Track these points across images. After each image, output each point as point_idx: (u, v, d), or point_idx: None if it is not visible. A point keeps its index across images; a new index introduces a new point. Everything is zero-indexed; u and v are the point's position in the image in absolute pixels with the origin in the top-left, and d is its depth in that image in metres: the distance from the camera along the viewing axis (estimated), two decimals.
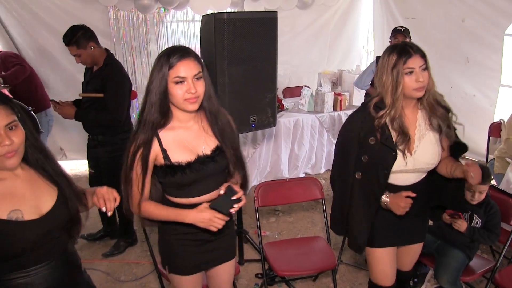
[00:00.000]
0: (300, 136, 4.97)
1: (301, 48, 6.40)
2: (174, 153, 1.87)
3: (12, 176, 1.55)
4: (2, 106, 1.45)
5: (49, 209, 1.60)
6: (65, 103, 3.45)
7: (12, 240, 1.49)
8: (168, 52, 1.81)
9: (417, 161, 2.09)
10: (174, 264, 2.08)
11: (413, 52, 1.96)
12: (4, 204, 1.50)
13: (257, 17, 2.87)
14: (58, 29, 5.07)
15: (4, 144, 1.44)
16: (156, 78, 1.79)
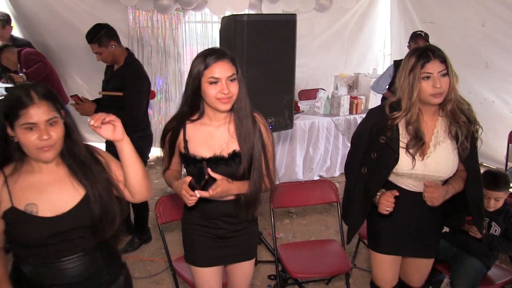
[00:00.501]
0: (316, 138, 4.97)
1: (318, 51, 6.41)
2: (193, 146, 1.96)
3: (43, 171, 1.61)
4: (46, 101, 1.51)
5: (68, 210, 1.61)
6: (86, 99, 3.51)
7: (25, 231, 1.56)
8: (206, 53, 1.89)
9: (428, 167, 2.05)
10: (190, 254, 2.14)
11: (433, 57, 1.91)
12: (24, 196, 1.56)
13: (276, 19, 2.89)
14: (79, 28, 5.14)
15: (42, 138, 1.49)
16: (191, 76, 1.89)
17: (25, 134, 1.48)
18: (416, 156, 2.03)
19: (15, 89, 1.53)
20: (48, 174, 1.62)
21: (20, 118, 1.47)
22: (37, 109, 1.48)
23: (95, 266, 1.72)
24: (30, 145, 1.49)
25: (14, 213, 1.55)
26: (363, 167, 2.16)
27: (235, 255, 2.16)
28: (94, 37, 3.32)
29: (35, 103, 1.48)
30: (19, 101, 1.47)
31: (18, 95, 1.49)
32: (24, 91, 1.49)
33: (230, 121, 2.00)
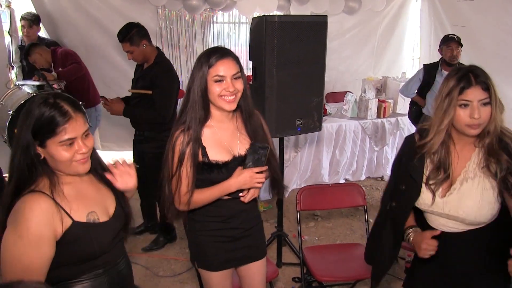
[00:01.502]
0: (342, 141, 4.92)
1: (348, 53, 6.35)
2: (212, 151, 1.93)
3: (78, 180, 1.57)
4: (80, 114, 1.47)
5: (114, 210, 1.64)
6: (114, 99, 3.55)
7: (91, 243, 1.50)
8: (208, 52, 1.89)
9: (448, 206, 1.76)
10: (202, 259, 2.12)
11: (475, 82, 1.64)
12: (80, 207, 1.51)
13: (307, 21, 2.86)
14: (108, 28, 5.24)
15: (82, 152, 1.46)
16: (196, 77, 1.86)
17: (62, 150, 1.43)
18: (438, 192, 1.77)
19: (40, 106, 1.41)
20: (84, 182, 1.59)
21: (58, 135, 1.41)
22: (75, 123, 1.43)
23: (128, 262, 1.75)
24: (66, 160, 1.44)
25: (77, 227, 1.47)
26: (393, 201, 1.92)
27: (247, 256, 2.15)
28: (126, 36, 3.36)
29: (72, 118, 1.43)
30: (55, 119, 1.40)
31: (49, 112, 1.40)
32: (55, 107, 1.41)
33: (237, 119, 2.01)
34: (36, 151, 1.43)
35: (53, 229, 1.41)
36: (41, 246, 1.39)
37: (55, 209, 1.42)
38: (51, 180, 1.47)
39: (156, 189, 3.73)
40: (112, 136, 5.75)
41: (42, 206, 1.39)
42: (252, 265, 2.18)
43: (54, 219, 1.41)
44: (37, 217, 1.37)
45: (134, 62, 3.62)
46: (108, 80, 5.25)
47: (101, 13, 5.30)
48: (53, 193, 1.44)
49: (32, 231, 1.36)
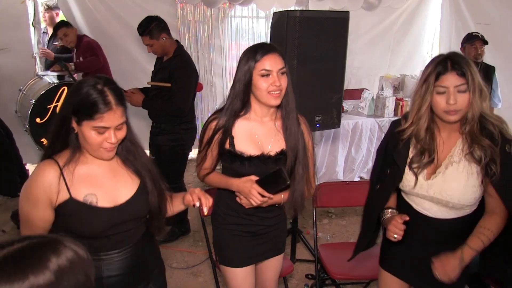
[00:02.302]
0: (358, 139, 4.90)
1: (363, 50, 6.29)
2: (240, 142, 1.93)
3: (98, 162, 1.60)
4: (121, 108, 1.51)
5: (125, 200, 1.62)
6: (134, 90, 3.57)
7: (82, 223, 1.54)
8: (255, 47, 1.89)
9: (433, 188, 1.80)
10: (224, 255, 2.12)
11: (451, 68, 1.64)
12: (83, 187, 1.55)
13: (329, 17, 2.86)
14: (128, 20, 5.27)
15: (110, 141, 1.51)
16: (241, 71, 1.87)
17: (94, 134, 1.48)
18: (422, 175, 1.81)
19: (90, 87, 1.47)
20: (103, 165, 1.62)
21: (95, 121, 1.46)
22: (113, 115, 1.48)
23: (141, 256, 1.74)
24: (95, 143, 1.50)
25: (72, 203, 1.52)
26: (379, 183, 1.97)
27: (267, 251, 2.15)
28: (146, 29, 3.38)
29: (112, 109, 1.47)
30: (97, 105, 1.45)
31: (95, 97, 1.45)
32: (100, 93, 1.46)
33: (276, 118, 1.99)
34: (71, 125, 1.51)
35: (48, 197, 1.51)
36: (37, 207, 1.52)
37: (56, 180, 1.51)
38: (73, 154, 1.55)
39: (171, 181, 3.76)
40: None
41: (46, 174, 1.51)
42: (268, 260, 2.19)
43: (51, 189, 1.50)
44: (38, 181, 1.51)
45: (152, 55, 3.63)
46: (126, 72, 5.27)
47: (121, 6, 5.33)
48: (65, 165, 1.53)
49: (30, 191, 1.52)
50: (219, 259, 2.15)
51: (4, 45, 4.93)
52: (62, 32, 4.65)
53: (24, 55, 5.34)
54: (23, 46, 5.30)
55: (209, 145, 1.96)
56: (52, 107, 4.19)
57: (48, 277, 0.84)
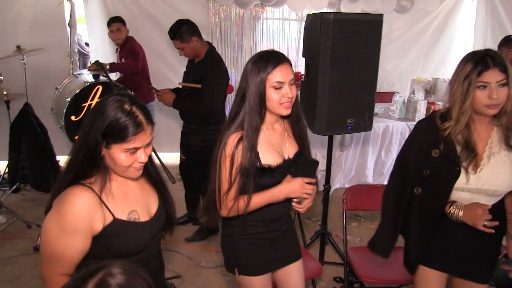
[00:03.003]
0: (389, 142, 4.85)
1: (396, 53, 6.23)
2: (264, 155, 1.89)
3: (124, 178, 1.59)
4: (150, 126, 1.50)
5: (156, 210, 1.66)
6: (165, 90, 3.63)
7: (128, 241, 1.53)
8: (265, 57, 1.83)
9: (481, 181, 1.88)
10: (244, 265, 2.06)
11: (492, 65, 1.74)
12: (123, 205, 1.54)
13: (363, 19, 2.84)
14: (160, 21, 5.38)
15: (141, 161, 1.50)
16: (253, 83, 1.80)
17: (124, 156, 1.46)
18: (469, 169, 1.87)
19: (117, 110, 1.43)
20: (129, 181, 1.61)
21: (127, 143, 1.43)
22: (144, 135, 1.46)
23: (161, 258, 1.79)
24: (125, 165, 1.48)
25: (117, 224, 1.50)
26: (416, 188, 1.98)
27: (284, 258, 2.13)
28: (176, 33, 3.45)
29: (144, 129, 1.46)
30: (128, 128, 1.42)
31: (125, 119, 1.42)
32: (130, 115, 1.43)
33: (284, 122, 2.00)
34: (101, 150, 1.46)
35: (91, 225, 1.44)
36: (73, 238, 1.43)
37: (97, 206, 1.46)
38: (104, 177, 1.50)
39: (200, 181, 3.81)
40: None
41: (84, 201, 1.43)
42: (289, 267, 2.16)
43: (95, 215, 1.45)
44: (76, 210, 1.42)
45: (183, 56, 3.69)
46: (158, 72, 5.37)
47: (154, 7, 5.45)
48: (101, 190, 1.48)
49: (68, 223, 1.41)
50: (238, 270, 2.08)
51: (41, 44, 5.08)
52: (116, 26, 4.75)
53: (61, 54, 5.51)
54: (60, 45, 5.47)
55: (233, 168, 1.84)
56: (87, 105, 4.30)
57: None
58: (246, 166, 1.82)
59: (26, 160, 4.60)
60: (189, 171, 3.88)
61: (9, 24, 5.22)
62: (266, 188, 1.89)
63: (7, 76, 4.42)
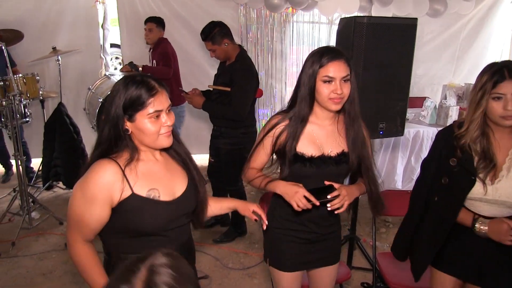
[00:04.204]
0: (419, 148, 4.77)
1: (426, 57, 6.11)
2: (300, 144, 1.92)
3: (152, 159, 1.64)
4: (164, 90, 1.57)
5: (181, 193, 1.67)
6: (196, 92, 3.66)
7: (145, 218, 1.56)
8: (321, 51, 1.87)
9: (499, 192, 1.84)
10: (275, 258, 2.11)
11: (508, 76, 1.73)
12: (144, 182, 1.58)
13: (397, 23, 2.82)
14: (191, 23, 5.43)
15: (166, 124, 1.56)
16: (306, 74, 1.86)
17: (150, 124, 1.52)
18: (486, 180, 1.84)
19: (129, 84, 1.52)
20: (157, 162, 1.66)
21: (147, 108, 1.50)
22: (161, 97, 1.53)
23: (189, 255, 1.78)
24: (154, 133, 1.54)
25: (135, 199, 1.54)
26: (434, 196, 1.98)
27: (321, 260, 2.14)
28: (208, 35, 3.47)
29: (159, 91, 1.53)
30: (144, 93, 1.50)
31: (138, 88, 1.50)
32: (143, 83, 1.51)
33: (338, 121, 1.98)
34: (125, 125, 1.54)
35: (109, 195, 1.51)
36: (92, 205, 1.51)
37: (119, 179, 1.52)
38: (132, 155, 1.57)
39: (228, 183, 3.83)
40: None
41: (107, 172, 1.51)
42: (324, 269, 2.17)
43: (114, 186, 1.51)
44: (97, 179, 1.50)
45: (213, 59, 3.72)
46: (188, 74, 5.40)
47: (185, 8, 5.50)
48: (126, 165, 1.54)
49: (88, 190, 1.51)
50: (269, 261, 2.15)
51: (76, 46, 5.21)
52: (149, 26, 4.80)
53: (93, 55, 5.64)
54: (93, 47, 5.61)
55: (262, 141, 1.98)
56: None
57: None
58: (283, 150, 1.92)
59: (59, 158, 4.71)
60: (217, 174, 3.90)
61: (45, 26, 5.37)
62: (298, 176, 1.93)
63: (43, 76, 4.55)
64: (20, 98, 4.12)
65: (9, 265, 3.56)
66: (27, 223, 4.10)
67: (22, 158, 4.15)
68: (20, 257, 3.67)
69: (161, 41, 4.83)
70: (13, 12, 5.16)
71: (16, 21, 4.95)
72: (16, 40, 4.40)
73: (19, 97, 4.06)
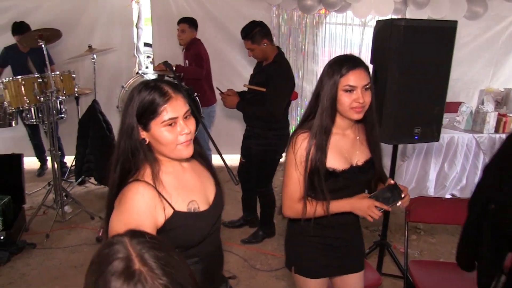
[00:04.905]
0: (453, 155, 4.66)
1: (463, 61, 5.94)
2: (330, 159, 1.87)
3: (180, 169, 1.57)
4: (180, 95, 1.46)
5: (213, 198, 1.63)
6: (230, 92, 3.66)
7: (191, 232, 1.51)
8: (341, 60, 1.83)
9: None
10: (301, 265, 2.07)
11: None
12: (181, 196, 1.51)
13: (436, 26, 2.75)
14: (224, 23, 5.45)
15: (184, 132, 1.44)
16: (327, 84, 1.81)
17: (165, 131, 1.42)
18: None
19: (142, 90, 1.43)
20: (186, 170, 1.59)
21: (160, 115, 1.41)
22: (175, 103, 1.43)
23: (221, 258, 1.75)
24: (170, 143, 1.44)
25: (179, 216, 1.47)
26: (491, 204, 1.89)
27: (344, 267, 2.10)
28: (248, 33, 3.45)
29: (172, 97, 1.42)
30: (156, 99, 1.41)
31: (151, 94, 1.41)
32: (156, 89, 1.43)
33: (358, 129, 1.96)
34: (140, 135, 1.45)
35: (154, 220, 1.42)
36: None
37: (157, 200, 1.43)
38: (153, 168, 1.46)
39: (258, 184, 3.82)
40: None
41: (145, 197, 1.41)
42: (349, 276, 2.13)
43: (156, 209, 1.42)
44: (138, 207, 1.39)
45: (247, 59, 3.72)
46: (219, 74, 5.42)
47: (218, 9, 5.53)
48: (155, 182, 1.44)
49: (132, 222, 1.37)
50: (295, 269, 2.09)
51: (110, 44, 5.30)
52: (181, 27, 4.82)
53: (127, 54, 5.72)
54: (127, 46, 5.70)
55: (301, 168, 1.86)
56: None
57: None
58: (315, 166, 1.83)
59: (92, 154, 4.80)
60: (247, 174, 3.90)
61: (82, 25, 5.49)
62: (329, 191, 1.87)
63: (78, 74, 4.64)
64: (57, 95, 4.21)
65: (44, 256, 3.67)
66: (60, 216, 4.20)
67: (57, 153, 4.25)
68: (53, 249, 3.77)
69: (194, 42, 4.85)
70: (52, 11, 5.29)
71: (55, 20, 5.07)
72: (55, 39, 4.50)
73: (56, 93, 4.15)
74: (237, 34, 3.76)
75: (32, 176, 5.41)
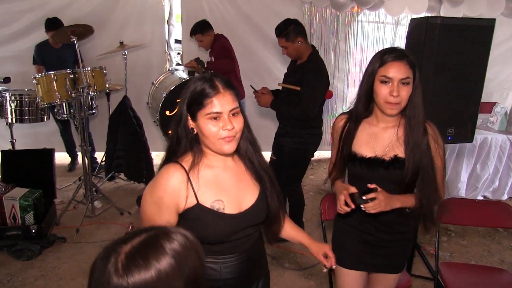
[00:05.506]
0: (486, 156, 4.56)
1: (497, 61, 5.76)
2: (356, 143, 1.91)
3: (223, 166, 1.58)
4: (230, 91, 1.47)
5: (249, 206, 1.60)
6: (265, 90, 3.64)
7: (208, 228, 1.51)
8: (385, 50, 1.81)
9: None
10: (337, 253, 2.00)
11: None
12: (210, 192, 1.52)
13: (473, 24, 2.70)
14: (255, 20, 5.44)
15: (226, 128, 1.45)
16: (367, 72, 1.82)
17: (209, 124, 1.45)
18: None
19: (197, 80, 1.48)
20: (228, 169, 1.59)
21: (206, 107, 1.43)
22: (222, 98, 1.44)
23: (254, 260, 1.72)
24: (212, 135, 1.46)
25: (199, 209, 1.50)
26: None
27: (382, 266, 2.08)
28: (283, 31, 3.43)
29: (221, 92, 1.44)
30: (204, 91, 1.44)
31: (202, 85, 1.45)
32: (208, 81, 1.46)
33: (399, 125, 1.89)
34: (188, 123, 1.50)
35: (175, 202, 1.49)
36: (160, 209, 1.49)
37: (184, 186, 1.48)
38: (195, 158, 1.52)
39: (288, 183, 3.80)
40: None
41: (173, 179, 1.48)
42: (383, 275, 2.13)
43: (180, 194, 1.48)
44: (164, 185, 1.48)
45: (280, 57, 3.69)
46: (250, 71, 5.44)
47: (249, 6, 5.52)
48: (190, 170, 1.50)
49: (156, 195, 1.49)
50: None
51: (142, 41, 5.36)
52: (197, 38, 4.84)
53: (158, 50, 5.78)
54: (158, 42, 5.75)
55: (338, 145, 2.00)
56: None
57: (169, 261, 0.92)
58: (343, 146, 1.96)
59: (122, 150, 4.87)
60: (277, 172, 3.87)
61: (114, 21, 5.57)
62: (350, 175, 1.98)
63: (109, 70, 4.71)
64: (88, 91, 4.28)
65: (74, 250, 3.73)
66: (90, 211, 4.26)
67: (88, 149, 4.32)
68: (83, 244, 3.83)
69: (215, 40, 4.85)
70: (84, 8, 5.40)
71: (87, 16, 5.16)
72: (87, 35, 4.57)
73: (87, 89, 4.21)
74: (269, 32, 3.75)
75: (63, 171, 5.52)
